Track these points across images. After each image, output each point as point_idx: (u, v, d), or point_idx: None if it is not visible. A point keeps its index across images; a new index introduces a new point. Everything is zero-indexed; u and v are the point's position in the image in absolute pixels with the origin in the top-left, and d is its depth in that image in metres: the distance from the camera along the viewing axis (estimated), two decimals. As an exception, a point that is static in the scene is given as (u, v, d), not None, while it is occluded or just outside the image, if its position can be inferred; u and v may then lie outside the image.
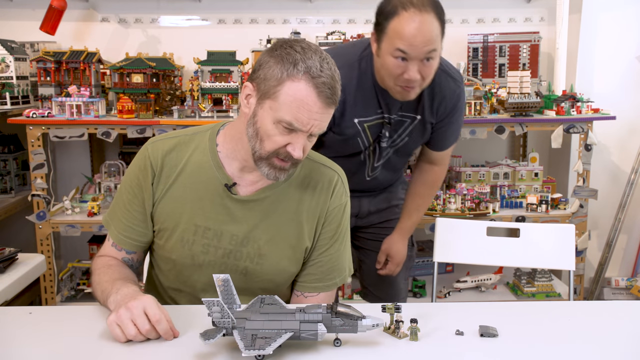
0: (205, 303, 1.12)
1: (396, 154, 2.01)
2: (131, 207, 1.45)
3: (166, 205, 1.44)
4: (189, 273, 1.47)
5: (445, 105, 1.88)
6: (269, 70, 1.30)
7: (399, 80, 1.68)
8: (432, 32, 1.62)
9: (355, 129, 1.86)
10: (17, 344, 1.21)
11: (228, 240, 1.43)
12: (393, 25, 1.62)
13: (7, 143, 3.07)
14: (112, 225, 1.48)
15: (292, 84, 1.27)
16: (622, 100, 3.13)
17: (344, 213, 1.51)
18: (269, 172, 1.34)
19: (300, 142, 1.31)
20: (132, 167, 1.47)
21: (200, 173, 1.43)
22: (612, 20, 3.16)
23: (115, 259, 1.47)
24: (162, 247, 1.47)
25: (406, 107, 1.86)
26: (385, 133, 1.89)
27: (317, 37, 3.02)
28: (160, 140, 1.46)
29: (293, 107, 1.26)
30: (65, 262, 3.13)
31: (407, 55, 1.63)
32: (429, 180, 2.09)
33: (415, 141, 1.96)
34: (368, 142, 1.91)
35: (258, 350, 1.07)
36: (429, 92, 1.83)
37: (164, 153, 1.44)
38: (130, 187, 1.46)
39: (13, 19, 3.16)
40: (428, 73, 1.68)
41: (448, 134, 1.98)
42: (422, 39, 1.60)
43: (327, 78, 1.27)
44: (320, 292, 1.51)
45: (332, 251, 1.50)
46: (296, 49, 1.29)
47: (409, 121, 1.89)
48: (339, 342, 1.16)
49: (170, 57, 2.98)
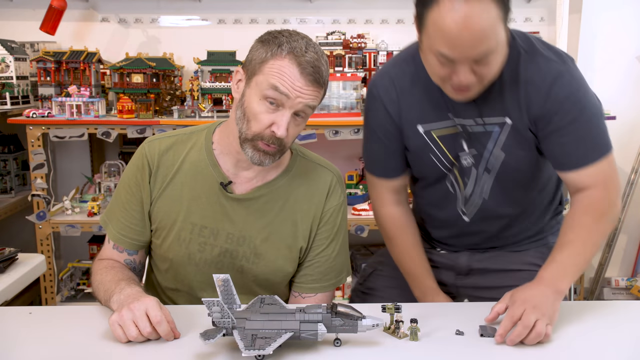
0: (205, 303, 1.13)
1: (499, 181, 1.47)
2: (129, 206, 1.45)
3: (163, 204, 1.44)
4: (185, 272, 1.47)
5: (539, 96, 1.36)
6: (255, 53, 1.35)
7: (449, 81, 1.32)
8: (484, 25, 1.20)
9: (422, 139, 1.47)
10: (17, 344, 1.21)
11: (224, 238, 1.44)
12: (432, 18, 1.24)
13: (7, 143, 3.07)
14: (111, 224, 1.48)
15: (275, 61, 1.30)
16: (622, 100, 3.13)
17: (340, 214, 1.50)
18: (253, 155, 1.35)
19: (285, 119, 1.30)
20: (129, 166, 1.48)
21: (196, 171, 1.44)
22: (612, 20, 3.16)
23: (117, 262, 1.47)
24: (160, 246, 1.47)
25: (487, 108, 1.39)
26: (464, 146, 1.44)
27: (317, 37, 3.02)
28: (157, 139, 1.47)
29: (276, 76, 1.29)
30: (65, 262, 3.13)
31: (452, 58, 1.26)
32: (582, 206, 1.38)
33: (519, 159, 1.43)
34: (448, 161, 1.47)
35: (258, 350, 1.07)
36: (511, 82, 1.37)
37: (160, 152, 1.44)
38: (128, 186, 1.46)
39: (13, 19, 3.15)
40: (485, 73, 1.29)
41: (571, 141, 1.36)
42: (470, 38, 1.21)
43: (310, 58, 1.30)
44: (317, 292, 1.51)
45: (328, 252, 1.50)
46: (283, 34, 1.34)
47: (497, 129, 1.41)
48: (339, 342, 1.16)
49: (170, 57, 2.98)
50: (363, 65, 3.03)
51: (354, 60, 2.99)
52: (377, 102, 1.54)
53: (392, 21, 3.22)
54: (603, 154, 1.37)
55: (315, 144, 2.65)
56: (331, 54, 2.97)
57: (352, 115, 2.76)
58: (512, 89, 1.38)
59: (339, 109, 2.77)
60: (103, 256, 1.49)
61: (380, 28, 3.20)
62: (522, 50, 1.38)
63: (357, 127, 2.67)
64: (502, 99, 1.39)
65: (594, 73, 3.17)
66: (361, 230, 2.72)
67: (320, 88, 1.33)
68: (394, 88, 1.50)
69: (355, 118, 2.73)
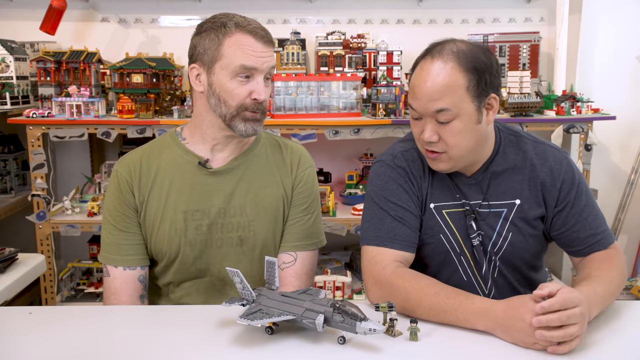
0: (229, 272, 1.23)
1: (507, 265, 1.49)
2: (126, 227, 1.51)
3: (151, 207, 1.50)
4: (191, 260, 1.51)
5: (544, 179, 1.45)
6: (204, 43, 1.44)
7: (421, 142, 1.42)
8: (443, 82, 1.32)
9: (434, 219, 1.47)
10: (17, 344, 1.21)
11: (216, 213, 1.50)
12: (412, 80, 1.40)
13: (7, 143, 3.07)
14: (118, 256, 1.51)
15: (229, 39, 1.41)
16: (622, 100, 3.13)
17: (313, 177, 1.62)
18: (246, 127, 1.46)
19: (260, 85, 1.43)
20: (108, 195, 1.53)
21: (174, 166, 1.52)
22: (612, 20, 3.16)
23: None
24: (154, 242, 1.51)
25: (494, 192, 1.46)
26: (472, 225, 1.46)
27: (317, 37, 3.02)
28: (125, 158, 1.56)
29: (239, 53, 1.41)
30: (65, 262, 3.13)
31: (417, 110, 1.38)
32: (599, 257, 1.44)
33: (527, 245, 1.47)
34: (457, 243, 1.47)
35: (250, 320, 1.15)
36: (512, 164, 1.46)
37: (134, 165, 1.52)
38: (115, 211, 1.51)
39: (13, 19, 3.15)
40: (448, 138, 1.36)
41: (579, 228, 1.44)
42: (429, 91, 1.33)
43: (255, 24, 1.45)
44: (297, 251, 1.56)
45: (311, 210, 1.59)
46: (218, 17, 1.46)
47: (505, 210, 1.46)
48: (343, 340, 1.17)
49: (170, 57, 2.98)
50: (363, 65, 3.03)
51: (354, 60, 2.99)
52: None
53: (392, 21, 3.22)
54: (613, 240, 1.47)
55: (315, 144, 2.65)
56: (331, 54, 2.97)
57: (352, 115, 2.76)
58: (515, 173, 1.46)
59: (339, 109, 2.77)
60: (110, 292, 1.50)
61: (380, 28, 3.20)
62: (512, 138, 1.50)
63: (357, 127, 2.67)
64: (509, 183, 1.46)
65: (594, 73, 3.17)
66: (361, 230, 2.71)
67: (273, 46, 1.48)
68: (404, 171, 1.50)
69: (355, 118, 2.73)
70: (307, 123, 2.67)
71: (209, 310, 1.40)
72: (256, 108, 1.45)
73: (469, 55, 1.34)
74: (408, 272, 1.37)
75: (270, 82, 1.50)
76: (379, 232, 1.44)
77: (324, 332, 1.19)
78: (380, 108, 2.67)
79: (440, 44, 1.37)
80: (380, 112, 2.67)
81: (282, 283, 1.53)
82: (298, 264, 1.56)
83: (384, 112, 2.67)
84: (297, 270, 1.55)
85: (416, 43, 3.14)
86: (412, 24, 3.23)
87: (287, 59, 2.93)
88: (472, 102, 1.35)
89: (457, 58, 1.33)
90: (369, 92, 2.87)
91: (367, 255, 1.44)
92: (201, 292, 1.54)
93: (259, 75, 1.43)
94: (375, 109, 2.69)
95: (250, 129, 1.46)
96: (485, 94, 1.36)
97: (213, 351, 1.16)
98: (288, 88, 2.72)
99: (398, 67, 2.98)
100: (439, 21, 3.23)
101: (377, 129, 2.68)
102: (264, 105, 1.46)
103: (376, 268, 1.40)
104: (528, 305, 1.16)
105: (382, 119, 2.66)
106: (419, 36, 3.20)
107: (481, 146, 1.43)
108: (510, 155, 1.48)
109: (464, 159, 1.41)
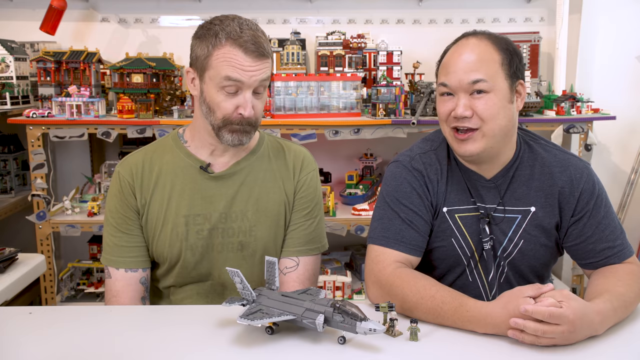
0: (229, 272, 1.23)
1: (514, 271, 1.49)
2: (128, 229, 1.50)
3: (153, 210, 1.50)
4: (192, 265, 1.51)
5: (563, 187, 1.43)
6: (197, 50, 1.43)
7: (450, 122, 1.40)
8: (478, 57, 1.36)
9: (446, 223, 1.47)
10: (17, 344, 1.21)
11: (217, 218, 1.50)
12: (445, 57, 1.43)
13: (7, 143, 3.07)
14: (119, 257, 1.50)
15: (218, 51, 1.38)
16: (622, 100, 3.13)
17: (317, 180, 1.61)
18: (232, 138, 1.44)
19: (247, 100, 1.40)
20: (111, 194, 1.53)
21: (175, 169, 1.51)
22: (612, 20, 3.16)
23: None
24: (155, 246, 1.50)
25: (510, 197, 1.45)
26: (486, 229, 1.45)
27: (317, 37, 3.02)
28: (127, 159, 1.55)
29: (225, 65, 1.37)
30: (65, 262, 3.13)
31: (449, 87, 1.38)
32: (615, 270, 1.40)
33: (537, 253, 1.47)
34: (468, 247, 1.47)
35: (250, 320, 1.15)
36: (529, 171, 1.46)
37: (136, 167, 1.51)
38: (117, 212, 1.51)
39: (13, 19, 3.15)
40: (481, 111, 1.35)
41: (596, 239, 1.43)
42: (462, 64, 1.36)
43: (248, 36, 1.38)
44: (300, 256, 1.55)
45: (313, 215, 1.58)
46: (214, 23, 1.41)
47: (520, 216, 1.45)
48: (343, 340, 1.17)
49: (170, 57, 2.98)
50: (363, 65, 3.03)
51: (354, 60, 2.99)
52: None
53: (392, 21, 3.22)
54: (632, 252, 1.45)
55: (315, 144, 2.66)
56: (331, 54, 2.97)
57: (352, 115, 2.76)
58: (531, 178, 1.45)
59: (339, 109, 2.77)
60: (112, 294, 1.50)
61: (380, 28, 3.20)
62: (533, 144, 1.49)
63: (357, 127, 2.67)
64: (525, 188, 1.45)
65: (594, 73, 3.17)
66: (361, 230, 2.72)
67: (267, 59, 1.42)
68: (421, 174, 1.49)
69: (355, 118, 2.73)
70: (307, 123, 2.67)
71: (209, 310, 1.40)
72: (242, 122, 1.42)
73: (501, 38, 1.41)
74: (407, 273, 1.37)
75: (263, 95, 1.46)
76: (387, 233, 1.44)
77: (324, 332, 1.19)
78: (380, 108, 2.67)
79: (472, 31, 1.44)
80: (380, 112, 2.67)
81: (284, 288, 1.52)
82: (300, 268, 1.55)
83: (384, 112, 2.68)
84: (300, 275, 1.55)
85: (416, 43, 3.19)
86: (412, 24, 3.23)
87: (287, 59, 2.93)
88: (505, 80, 1.38)
89: (491, 38, 1.40)
90: (369, 92, 2.87)
91: (371, 254, 1.44)
92: (202, 295, 1.54)
93: (247, 90, 1.40)
94: (375, 109, 2.69)
95: (236, 139, 1.44)
96: (515, 77, 1.40)
97: (213, 351, 1.16)
98: (288, 88, 2.71)
99: (398, 67, 2.98)
100: (439, 21, 3.23)
101: (377, 129, 2.68)
102: (252, 120, 1.43)
103: (377, 267, 1.40)
104: (519, 301, 1.18)
105: (382, 119, 2.66)
106: (419, 36, 3.23)
107: (509, 135, 1.42)
108: (529, 162, 1.47)
109: (496, 139, 1.39)
